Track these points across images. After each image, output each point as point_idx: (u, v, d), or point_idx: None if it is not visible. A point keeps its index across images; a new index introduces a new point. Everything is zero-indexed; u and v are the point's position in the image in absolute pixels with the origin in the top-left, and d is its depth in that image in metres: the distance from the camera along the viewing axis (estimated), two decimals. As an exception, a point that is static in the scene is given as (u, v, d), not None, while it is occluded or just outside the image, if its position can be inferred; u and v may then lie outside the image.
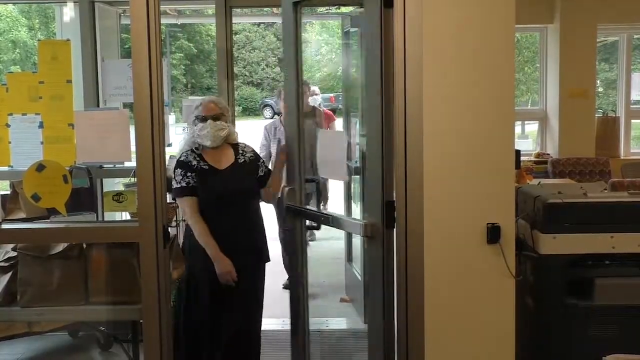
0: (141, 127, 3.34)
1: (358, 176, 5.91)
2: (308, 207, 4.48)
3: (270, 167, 4.86)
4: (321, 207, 5.76)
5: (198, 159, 4.32)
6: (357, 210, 6.09)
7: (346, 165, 4.30)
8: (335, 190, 7.40)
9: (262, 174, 4.47)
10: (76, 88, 5.01)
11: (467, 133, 3.42)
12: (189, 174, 4.25)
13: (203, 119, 4.29)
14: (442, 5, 3.37)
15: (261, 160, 4.53)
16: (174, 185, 4.24)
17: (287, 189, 4.29)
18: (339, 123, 8.26)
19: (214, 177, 4.29)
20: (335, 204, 7.24)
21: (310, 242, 5.80)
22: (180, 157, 4.33)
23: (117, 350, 5.10)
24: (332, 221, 4.10)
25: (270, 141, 6.92)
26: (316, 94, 8.45)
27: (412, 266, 3.47)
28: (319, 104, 8.02)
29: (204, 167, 4.30)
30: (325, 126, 8.47)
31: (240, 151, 4.44)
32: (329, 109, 9.95)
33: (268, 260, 4.53)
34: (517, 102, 3.58)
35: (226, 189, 4.29)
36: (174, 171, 4.27)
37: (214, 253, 4.18)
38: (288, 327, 4.59)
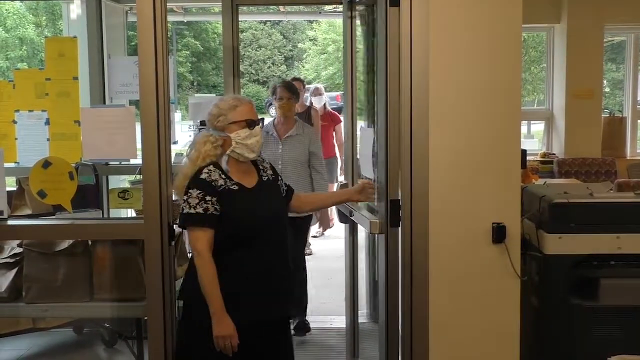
0: (147, 125, 3.35)
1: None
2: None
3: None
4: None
5: (224, 177, 3.31)
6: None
7: (372, 161, 4.29)
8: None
9: (284, 194, 3.61)
10: (82, 85, 5.02)
11: (473, 132, 3.42)
12: (208, 197, 3.22)
13: (251, 124, 3.37)
14: (449, 4, 3.37)
15: (280, 177, 3.63)
16: (185, 209, 3.23)
17: (340, 183, 4.34)
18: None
19: (243, 200, 3.32)
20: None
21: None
22: (201, 174, 3.28)
23: (122, 347, 5.10)
24: (351, 214, 4.19)
25: None
26: (320, 94, 8.36)
27: (417, 265, 3.47)
28: (324, 104, 7.96)
29: (231, 187, 3.30)
30: (330, 128, 8.39)
31: (261, 166, 3.54)
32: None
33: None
34: (523, 102, 3.58)
35: (262, 216, 3.36)
36: (188, 190, 3.26)
37: (217, 308, 3.17)
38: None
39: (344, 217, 4.50)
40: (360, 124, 4.77)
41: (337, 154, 8.46)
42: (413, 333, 3.49)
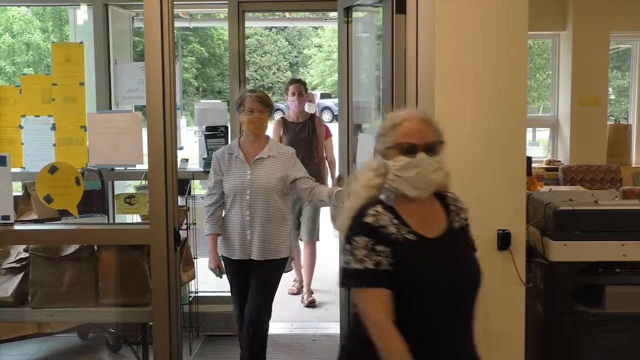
0: (153, 130, 3.36)
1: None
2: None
3: None
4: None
5: (397, 222, 2.43)
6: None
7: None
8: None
9: (475, 249, 2.70)
10: (89, 90, 5.05)
11: (479, 139, 3.42)
12: (379, 247, 2.36)
13: (410, 150, 2.46)
14: (455, 12, 3.38)
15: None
16: (351, 262, 2.37)
17: (337, 190, 4.28)
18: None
19: (426, 257, 2.43)
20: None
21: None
22: (362, 213, 2.42)
23: (127, 352, 5.10)
24: None
25: (222, 174, 4.46)
26: (311, 100, 7.12)
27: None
28: (315, 112, 7.07)
29: (408, 237, 2.41)
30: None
31: (452, 206, 2.64)
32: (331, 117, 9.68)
33: None
34: (528, 109, 3.57)
35: (455, 281, 2.44)
36: (350, 238, 2.40)
37: None
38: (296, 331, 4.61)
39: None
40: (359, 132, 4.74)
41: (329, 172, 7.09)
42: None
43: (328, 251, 7.37)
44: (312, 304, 6.60)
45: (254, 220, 4.27)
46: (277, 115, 7.49)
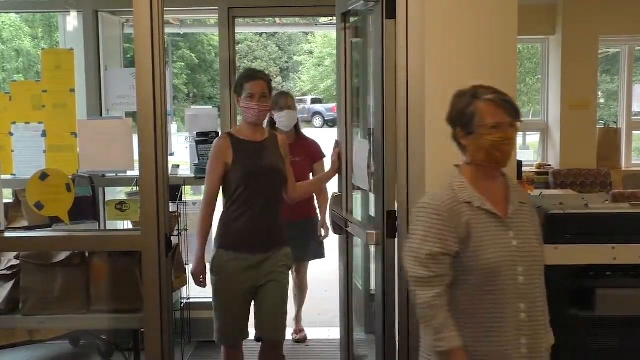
0: (144, 136, 3.35)
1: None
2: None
3: None
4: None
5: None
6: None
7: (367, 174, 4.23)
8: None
9: None
10: (79, 97, 5.04)
11: (469, 143, 3.42)
12: None
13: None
14: (444, 17, 3.39)
15: None
16: None
17: (335, 195, 4.28)
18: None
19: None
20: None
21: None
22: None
23: (118, 358, 5.09)
24: (346, 225, 4.17)
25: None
26: (289, 107, 5.52)
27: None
28: (297, 124, 5.68)
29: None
30: (305, 166, 5.65)
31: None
32: (332, 119, 9.69)
33: None
34: (518, 113, 3.59)
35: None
36: None
37: None
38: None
39: (338, 229, 4.50)
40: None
41: (318, 212, 5.72)
42: (410, 344, 3.49)
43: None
44: (302, 340, 5.90)
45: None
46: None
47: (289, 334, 5.69)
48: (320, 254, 5.86)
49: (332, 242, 5.19)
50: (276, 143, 4.23)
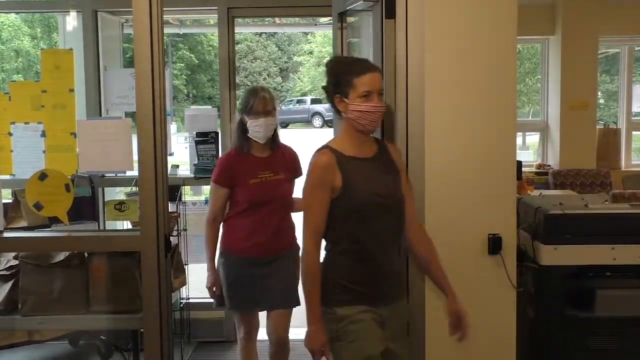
0: (144, 136, 3.35)
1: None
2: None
3: None
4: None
5: None
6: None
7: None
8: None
9: None
10: (79, 97, 5.03)
11: (469, 144, 3.43)
12: None
13: None
14: (444, 16, 3.39)
15: None
16: None
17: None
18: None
19: None
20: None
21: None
22: None
23: (118, 359, 5.09)
24: None
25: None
26: (268, 112, 4.13)
27: (414, 276, 3.47)
28: (275, 131, 4.33)
29: None
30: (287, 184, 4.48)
31: None
32: (330, 119, 9.66)
33: None
34: (518, 113, 3.61)
35: None
36: None
37: None
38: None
39: None
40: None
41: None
42: (410, 344, 3.48)
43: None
44: None
45: None
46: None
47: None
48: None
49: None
50: (390, 157, 3.17)
